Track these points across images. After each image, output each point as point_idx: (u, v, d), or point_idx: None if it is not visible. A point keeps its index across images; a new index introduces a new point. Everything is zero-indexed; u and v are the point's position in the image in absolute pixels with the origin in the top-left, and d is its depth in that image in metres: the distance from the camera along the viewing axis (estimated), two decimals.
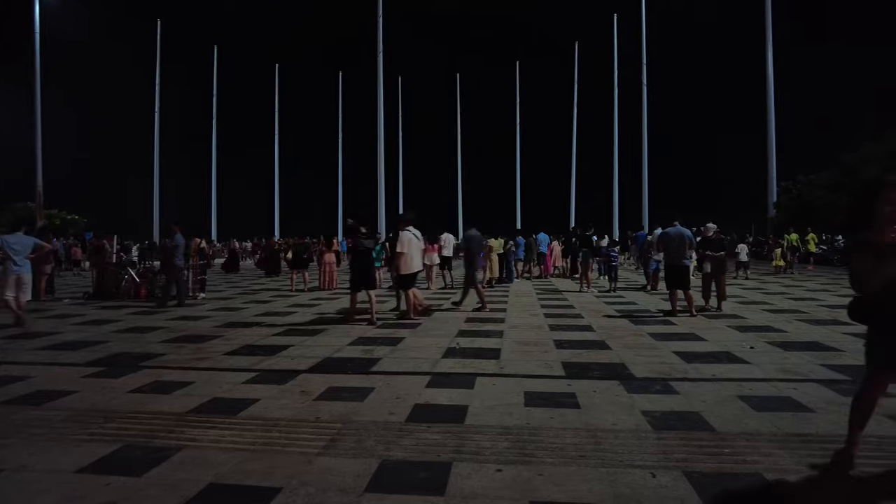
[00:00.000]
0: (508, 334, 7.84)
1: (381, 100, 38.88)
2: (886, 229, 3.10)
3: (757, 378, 5.33)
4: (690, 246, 9.60)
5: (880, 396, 3.31)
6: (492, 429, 3.95)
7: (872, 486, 3.04)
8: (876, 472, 3.19)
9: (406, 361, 6.18)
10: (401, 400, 4.65)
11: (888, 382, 3.26)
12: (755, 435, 3.81)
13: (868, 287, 3.06)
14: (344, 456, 3.50)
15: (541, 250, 18.93)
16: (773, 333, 7.70)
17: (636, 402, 4.58)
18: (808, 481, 3.12)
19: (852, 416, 3.30)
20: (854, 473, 3.17)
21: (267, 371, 5.80)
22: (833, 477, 3.17)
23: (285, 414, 4.36)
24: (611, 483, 3.07)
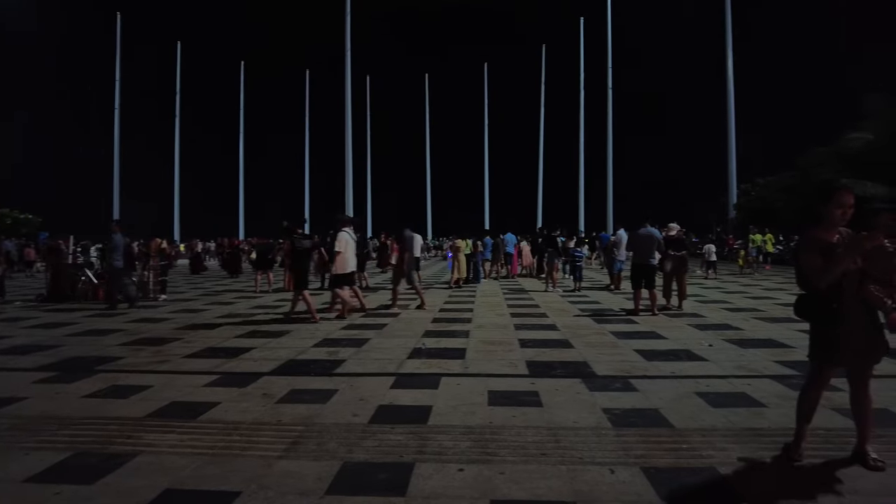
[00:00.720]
0: (474, 334, 7.89)
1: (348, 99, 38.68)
2: (834, 230, 3.24)
3: (714, 375, 5.48)
4: (658, 247, 9.83)
5: (824, 390, 3.44)
6: (455, 428, 3.97)
7: (816, 477, 3.16)
8: (820, 462, 3.32)
9: (371, 363, 6.15)
10: (364, 401, 4.64)
11: (831, 377, 3.40)
12: (711, 430, 3.92)
13: (815, 285, 3.19)
14: (305, 458, 3.47)
15: (507, 250, 19.08)
16: (731, 331, 7.93)
17: (597, 399, 4.66)
18: (757, 473, 3.24)
19: (799, 410, 3.43)
20: (801, 465, 3.30)
21: (228, 374, 5.70)
22: (781, 469, 3.29)
23: (246, 417, 4.29)
24: (570, 480, 3.13)
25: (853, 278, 3.17)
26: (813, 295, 3.26)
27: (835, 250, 3.13)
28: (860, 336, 3.19)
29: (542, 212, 49.71)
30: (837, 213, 3.21)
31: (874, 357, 3.26)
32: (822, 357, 3.31)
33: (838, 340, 3.19)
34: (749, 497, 2.93)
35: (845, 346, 3.19)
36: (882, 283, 3.21)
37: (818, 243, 3.21)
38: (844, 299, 3.16)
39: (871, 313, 3.22)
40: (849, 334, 3.17)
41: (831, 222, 3.24)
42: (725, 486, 3.08)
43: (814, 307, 3.28)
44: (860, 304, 3.19)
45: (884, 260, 3.22)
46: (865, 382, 3.30)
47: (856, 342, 3.19)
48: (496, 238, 19.05)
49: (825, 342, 3.26)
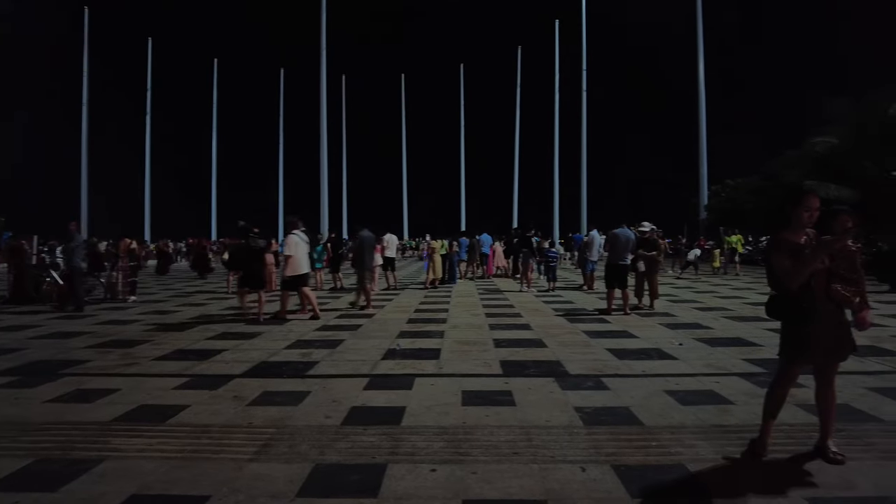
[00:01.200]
0: (449, 334, 7.90)
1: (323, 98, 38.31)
2: (801, 232, 3.33)
3: (684, 373, 5.58)
4: (632, 247, 9.98)
5: (791, 387, 3.54)
6: (428, 429, 3.97)
7: (780, 471, 3.24)
8: (784, 457, 3.41)
9: (344, 364, 6.11)
10: (337, 403, 4.61)
11: (798, 374, 3.50)
12: (680, 428, 3.99)
13: (786, 285, 3.27)
14: (276, 461, 3.43)
15: (483, 251, 19.15)
16: (701, 330, 8.08)
17: (570, 398, 4.71)
18: (724, 469, 3.31)
19: (766, 406, 3.52)
20: (766, 460, 3.38)
21: (199, 376, 5.61)
22: (746, 464, 3.36)
23: (217, 420, 4.23)
24: (542, 478, 3.15)
25: (821, 278, 3.26)
26: (784, 295, 3.34)
27: (803, 251, 3.22)
28: (829, 334, 3.29)
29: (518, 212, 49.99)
30: (804, 215, 3.30)
31: (841, 355, 3.37)
32: (793, 355, 3.39)
33: (808, 339, 3.28)
34: (715, 492, 2.98)
35: (815, 345, 3.29)
36: (848, 281, 3.32)
37: (787, 245, 3.30)
38: (814, 299, 3.25)
39: (839, 312, 3.33)
40: (818, 333, 3.27)
41: (799, 224, 3.33)
42: (693, 482, 3.13)
43: (785, 307, 3.36)
44: (829, 302, 3.29)
45: (849, 260, 3.34)
46: (831, 379, 3.41)
47: (825, 340, 3.29)
48: (472, 238, 19.11)
49: (796, 341, 3.35)
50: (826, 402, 3.41)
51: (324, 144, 38.09)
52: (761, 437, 3.50)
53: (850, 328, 3.36)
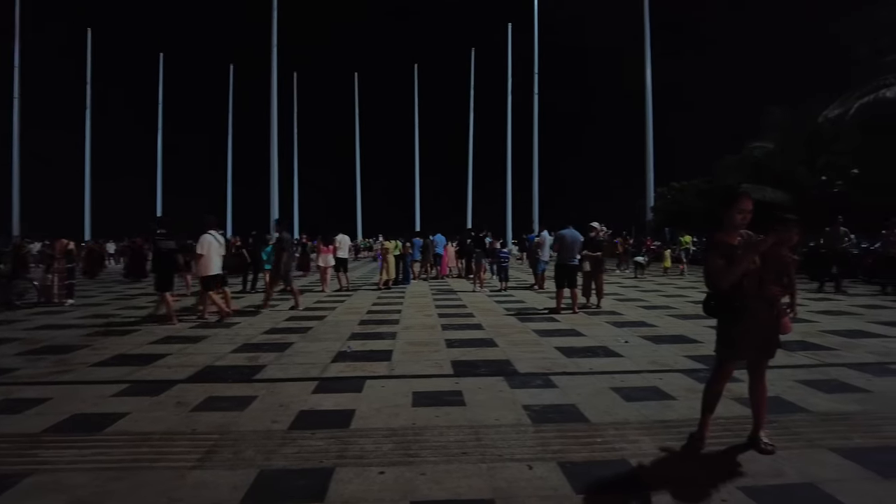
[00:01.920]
0: (401, 335, 7.87)
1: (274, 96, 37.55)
2: (735, 233, 3.48)
3: (629, 370, 5.74)
4: (580, 247, 10.20)
5: (727, 383, 3.69)
6: (377, 431, 3.95)
7: (716, 463, 3.39)
8: (720, 449, 3.56)
9: (293, 367, 6.00)
10: (285, 407, 4.52)
11: (733, 370, 3.66)
12: (624, 424, 4.10)
13: (718, 285, 3.42)
14: (220, 468, 3.35)
15: (437, 251, 19.18)
16: (646, 328, 8.34)
17: (518, 397, 4.78)
18: (664, 463, 3.43)
19: (704, 401, 3.66)
20: (704, 452, 3.52)
21: (140, 382, 5.41)
22: (685, 457, 3.49)
23: (158, 427, 4.08)
24: (490, 477, 3.18)
25: (753, 277, 3.42)
26: (717, 294, 3.48)
27: (736, 252, 3.37)
28: (759, 333, 3.45)
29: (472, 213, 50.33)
30: (738, 217, 3.45)
31: (770, 352, 3.55)
32: (725, 352, 3.55)
33: (739, 337, 3.44)
34: (655, 486, 3.09)
35: (746, 342, 3.45)
36: (777, 282, 3.50)
37: (720, 246, 3.44)
38: (746, 298, 3.40)
39: (770, 311, 3.49)
40: (748, 331, 3.43)
41: (732, 225, 3.48)
42: (634, 476, 3.23)
43: (718, 305, 3.50)
44: (761, 301, 3.45)
45: (781, 264, 3.52)
46: (762, 374, 3.58)
47: (755, 338, 3.45)
48: (426, 239, 19.11)
49: (728, 338, 3.50)
50: (758, 395, 3.58)
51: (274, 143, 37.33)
52: (700, 431, 3.64)
53: (778, 327, 3.53)
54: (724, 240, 3.46)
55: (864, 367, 5.64)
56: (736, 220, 3.46)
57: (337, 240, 15.03)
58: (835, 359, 6.06)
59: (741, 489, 3.01)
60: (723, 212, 3.50)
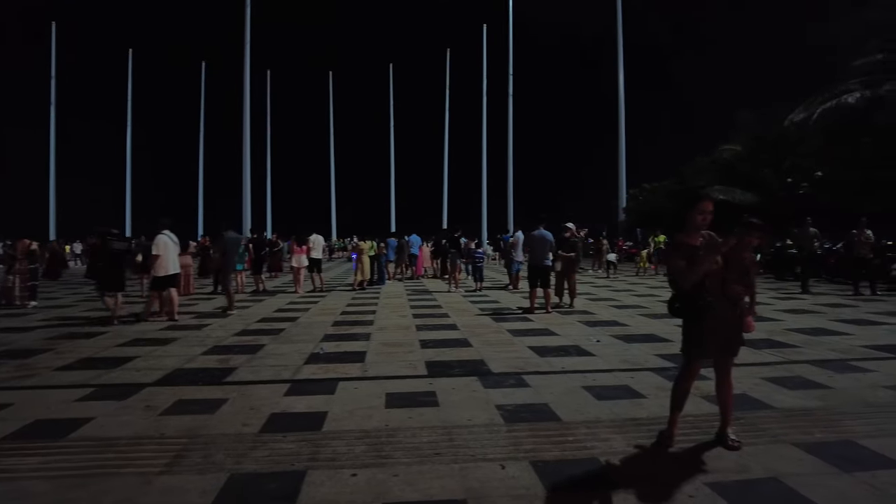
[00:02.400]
0: (376, 336, 7.84)
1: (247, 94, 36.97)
2: (696, 234, 3.55)
3: (601, 369, 5.82)
4: (551, 248, 10.29)
5: (694, 381, 3.76)
6: (350, 433, 3.92)
7: (685, 460, 3.45)
8: (689, 446, 3.63)
9: (265, 370, 5.93)
10: (256, 410, 4.46)
11: (700, 368, 3.73)
12: (595, 422, 4.15)
13: (679, 285, 3.48)
14: (189, 473, 3.29)
15: (412, 252, 19.15)
16: (617, 327, 8.45)
17: (491, 396, 4.80)
18: (634, 460, 3.48)
19: (672, 400, 3.73)
20: (673, 450, 3.59)
21: (107, 386, 5.28)
22: (655, 455, 3.55)
23: (124, 432, 3.99)
24: (462, 478, 3.19)
25: (716, 278, 3.50)
26: (682, 294, 3.54)
27: (697, 253, 3.44)
28: (723, 331, 3.53)
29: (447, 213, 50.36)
30: (698, 218, 3.53)
31: (734, 350, 3.64)
32: (692, 351, 3.61)
33: (704, 336, 3.51)
34: (624, 483, 3.13)
35: (710, 341, 3.52)
36: (739, 282, 3.58)
37: (682, 247, 3.51)
38: (709, 297, 3.48)
39: (734, 310, 3.57)
40: (713, 330, 3.50)
41: (694, 227, 3.55)
42: (604, 474, 3.27)
43: (683, 306, 3.56)
44: (724, 301, 3.53)
45: (742, 265, 3.60)
46: (727, 372, 3.66)
47: (719, 337, 3.53)
48: (401, 239, 19.07)
49: (693, 338, 3.57)
50: (724, 393, 3.66)
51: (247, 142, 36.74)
52: (669, 429, 3.71)
53: (741, 326, 3.62)
54: (685, 241, 3.52)
55: (825, 364, 5.81)
56: (697, 221, 3.53)
57: (311, 240, 14.90)
58: (798, 356, 6.23)
59: (708, 485, 3.07)
60: (685, 213, 3.57)
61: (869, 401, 4.57)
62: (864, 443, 3.65)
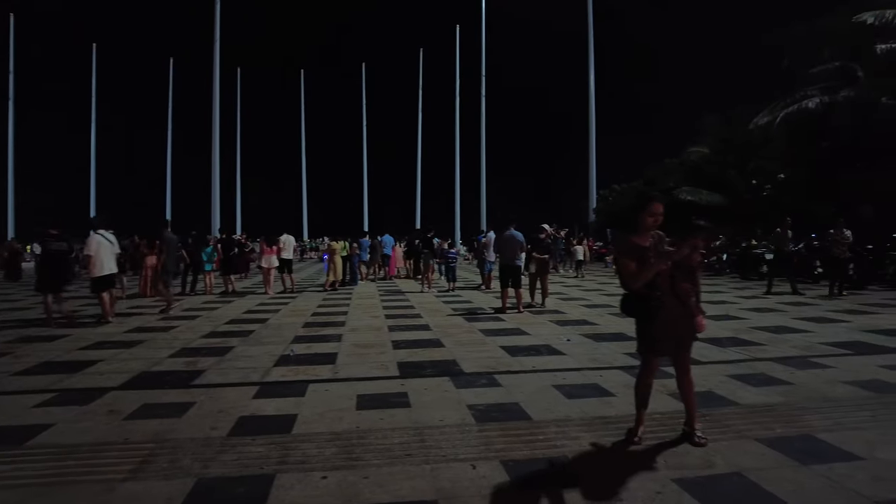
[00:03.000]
0: (347, 337, 7.78)
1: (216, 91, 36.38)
2: (647, 236, 3.61)
3: (571, 368, 5.88)
4: (521, 248, 10.36)
5: (654, 378, 3.82)
6: (320, 436, 3.89)
7: (652, 456, 3.51)
8: (655, 443, 3.69)
9: (233, 372, 5.83)
10: (224, 413, 4.39)
11: (657, 366, 3.78)
12: (565, 421, 4.19)
13: (631, 285, 3.55)
14: (155, 478, 3.21)
15: (385, 252, 19.07)
16: (587, 326, 8.56)
17: (463, 396, 4.81)
18: (603, 458, 3.53)
19: (637, 398, 3.79)
20: (641, 447, 3.64)
21: (68, 391, 5.12)
22: (623, 452, 3.61)
23: (86, 438, 3.88)
24: (433, 479, 3.19)
25: (665, 276, 3.55)
26: (632, 294, 3.61)
27: (646, 254, 3.50)
28: (674, 328, 3.59)
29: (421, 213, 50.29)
30: (649, 220, 3.60)
31: (687, 345, 3.70)
32: (646, 349, 3.69)
33: (656, 333, 3.58)
34: (593, 481, 3.17)
35: (663, 338, 3.59)
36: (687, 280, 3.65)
37: (632, 248, 3.57)
38: (659, 296, 3.54)
39: (682, 307, 3.63)
40: (665, 327, 3.56)
41: (644, 228, 3.62)
42: (573, 473, 3.31)
43: (634, 305, 3.62)
44: (673, 299, 3.58)
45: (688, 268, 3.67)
46: (686, 368, 3.72)
47: (671, 333, 3.59)
48: (373, 239, 18.97)
49: (646, 336, 3.64)
50: (685, 389, 3.73)
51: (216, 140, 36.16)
52: (636, 427, 3.77)
53: (692, 322, 3.67)
54: (635, 242, 3.58)
55: (787, 361, 5.98)
56: (647, 223, 3.60)
57: (281, 240, 14.72)
58: (762, 353, 6.40)
59: (675, 481, 3.13)
60: (637, 215, 3.63)
61: (828, 396, 4.72)
62: (821, 437, 3.77)
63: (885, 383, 5.09)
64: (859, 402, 4.57)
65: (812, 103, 18.06)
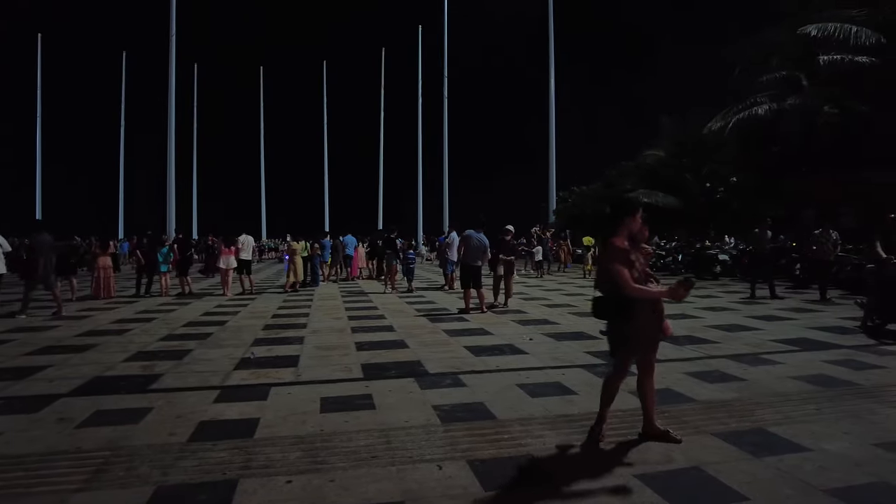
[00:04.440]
0: (309, 339, 7.68)
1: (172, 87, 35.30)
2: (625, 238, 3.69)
3: (533, 367, 5.95)
4: (485, 252, 10.42)
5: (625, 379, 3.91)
6: (284, 440, 3.83)
7: (614, 454, 3.59)
8: (619, 441, 3.78)
9: (192, 376, 5.68)
10: (183, 418, 4.27)
11: (630, 367, 3.85)
12: (529, 419, 4.25)
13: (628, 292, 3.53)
14: (110, 488, 3.10)
15: (347, 252, 18.88)
16: (549, 326, 8.69)
17: (428, 397, 4.82)
18: (567, 456, 3.59)
19: (604, 396, 3.85)
20: (603, 444, 3.72)
21: (14, 398, 4.90)
22: (586, 450, 3.68)
23: (35, 448, 3.72)
24: (399, 480, 3.19)
25: (641, 279, 3.65)
26: (610, 297, 3.66)
27: (630, 258, 3.57)
28: (649, 330, 3.69)
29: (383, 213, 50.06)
30: (635, 226, 3.68)
31: (655, 347, 3.81)
32: (625, 351, 3.72)
33: (634, 334, 3.65)
34: (558, 479, 3.22)
35: (640, 339, 3.67)
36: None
37: (624, 254, 3.59)
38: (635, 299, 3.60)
39: (651, 310, 3.71)
40: (641, 328, 3.64)
41: (629, 231, 3.69)
42: (539, 470, 3.36)
43: (612, 308, 3.66)
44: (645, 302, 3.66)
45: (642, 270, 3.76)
46: (651, 369, 3.81)
47: (646, 334, 3.68)
48: (335, 239, 18.76)
49: (624, 338, 3.68)
50: (646, 388, 3.81)
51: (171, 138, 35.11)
52: (599, 425, 3.84)
53: (659, 324, 3.77)
54: (625, 247, 3.62)
55: (740, 358, 6.21)
56: (634, 228, 3.69)
57: (240, 241, 14.42)
58: (717, 351, 6.62)
59: (637, 476, 3.21)
60: (622, 218, 3.68)
61: (778, 391, 4.92)
62: (773, 430, 3.93)
63: (829, 378, 5.34)
64: (805, 396, 4.78)
65: (762, 110, 18.76)
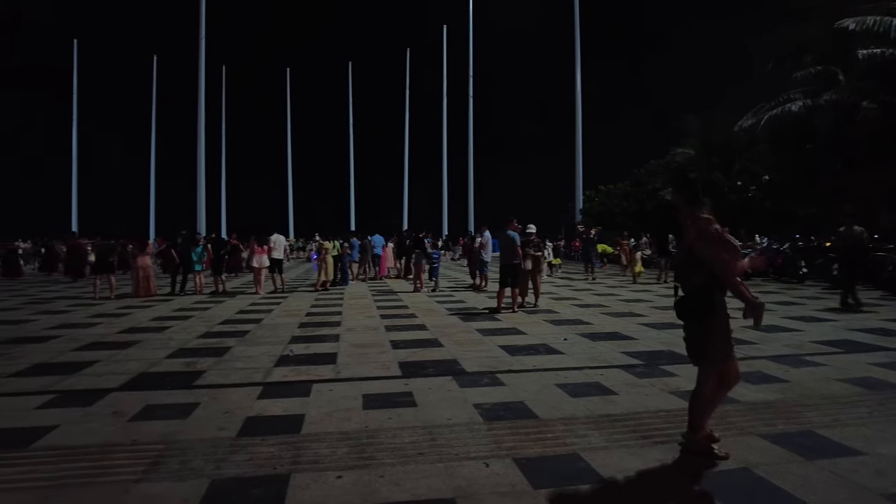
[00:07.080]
0: (345, 337, 7.78)
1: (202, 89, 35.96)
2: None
3: (571, 367, 5.94)
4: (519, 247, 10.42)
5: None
6: (330, 435, 3.90)
7: (659, 454, 3.56)
8: (666, 441, 3.75)
9: (234, 373, 5.81)
10: (230, 414, 4.38)
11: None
12: (571, 419, 4.25)
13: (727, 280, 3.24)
14: (168, 480, 3.21)
15: (375, 252, 19.03)
16: (583, 326, 8.64)
17: (468, 395, 4.85)
18: (611, 455, 3.58)
19: (703, 411, 3.51)
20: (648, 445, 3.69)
21: (67, 392, 5.08)
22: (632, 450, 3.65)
23: (94, 440, 3.85)
24: (448, 476, 3.22)
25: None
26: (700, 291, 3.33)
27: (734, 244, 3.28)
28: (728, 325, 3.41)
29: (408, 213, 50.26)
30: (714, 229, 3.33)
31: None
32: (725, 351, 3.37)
33: (729, 330, 3.36)
34: (607, 476, 3.22)
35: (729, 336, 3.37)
36: None
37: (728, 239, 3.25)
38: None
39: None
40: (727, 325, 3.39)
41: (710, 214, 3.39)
42: (588, 468, 3.35)
43: (703, 303, 3.32)
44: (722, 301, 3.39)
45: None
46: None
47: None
48: (363, 239, 18.92)
49: (725, 335, 3.35)
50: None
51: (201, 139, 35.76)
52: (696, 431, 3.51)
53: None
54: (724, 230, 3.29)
55: (781, 360, 6.11)
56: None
57: (272, 240, 14.64)
58: (756, 352, 6.51)
59: (686, 477, 3.20)
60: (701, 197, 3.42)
61: (824, 393, 4.83)
62: (822, 433, 3.87)
63: (877, 380, 5.22)
64: (854, 399, 4.69)
65: (795, 106, 18.36)
